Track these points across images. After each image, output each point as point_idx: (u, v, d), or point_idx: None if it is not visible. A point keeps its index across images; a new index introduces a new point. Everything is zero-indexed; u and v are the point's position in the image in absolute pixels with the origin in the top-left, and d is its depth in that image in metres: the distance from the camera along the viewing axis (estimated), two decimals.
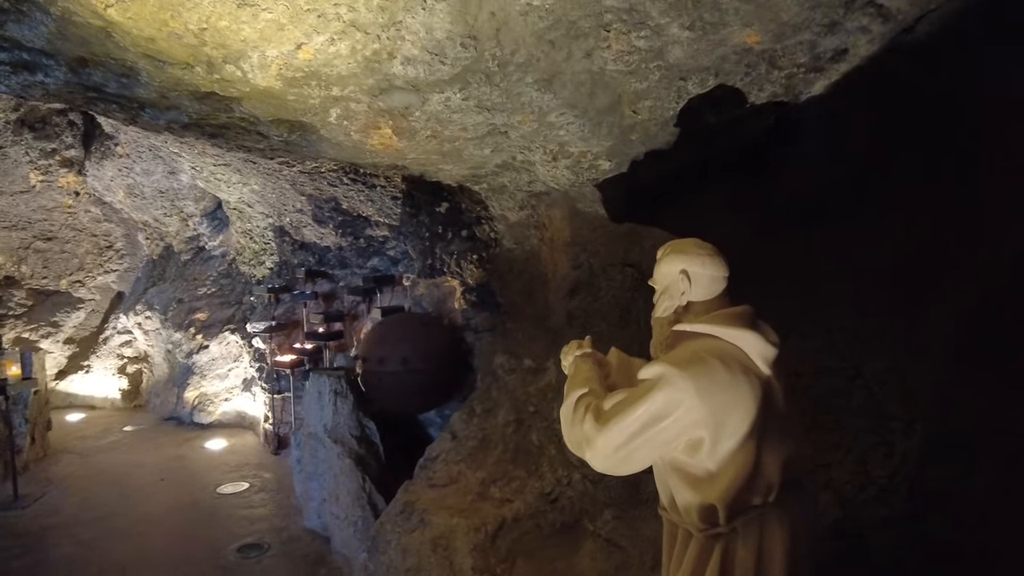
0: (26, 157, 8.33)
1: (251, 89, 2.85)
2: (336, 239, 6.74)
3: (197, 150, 5.88)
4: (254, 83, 2.76)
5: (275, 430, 6.84)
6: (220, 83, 2.82)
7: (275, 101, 2.98)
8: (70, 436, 7.44)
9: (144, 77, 2.90)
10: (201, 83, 2.84)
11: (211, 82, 2.82)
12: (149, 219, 8.74)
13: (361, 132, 3.24)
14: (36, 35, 2.83)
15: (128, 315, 8.83)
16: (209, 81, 2.81)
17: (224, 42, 2.49)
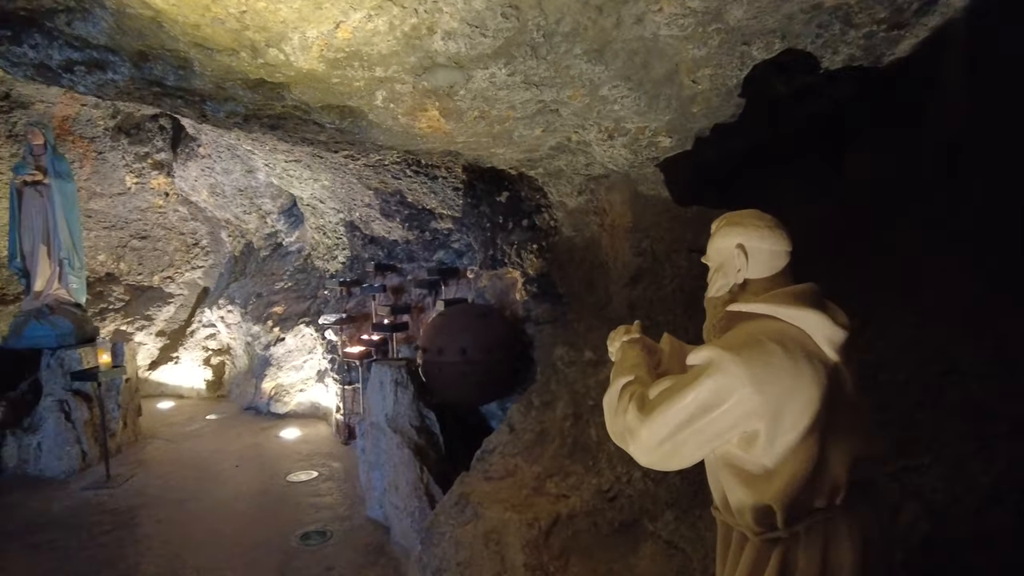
0: (122, 161, 8.87)
1: (296, 73, 2.83)
2: (403, 232, 6.78)
3: (268, 147, 6.04)
4: (298, 66, 2.73)
5: (346, 420, 6.96)
6: (266, 68, 2.81)
7: (321, 85, 2.95)
8: (159, 423, 7.85)
9: (197, 67, 2.95)
10: (248, 69, 2.85)
11: (257, 67, 2.82)
12: (231, 217, 9.13)
13: (408, 115, 3.17)
14: (99, 31, 2.91)
15: (212, 309, 9.25)
16: (255, 67, 2.82)
17: (264, 24, 2.47)
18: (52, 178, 6.63)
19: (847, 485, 1.62)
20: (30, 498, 5.63)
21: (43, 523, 5.10)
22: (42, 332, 6.61)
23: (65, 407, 6.30)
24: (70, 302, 6.96)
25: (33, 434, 6.26)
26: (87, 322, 7.11)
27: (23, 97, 7.92)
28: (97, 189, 8.95)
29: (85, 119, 8.41)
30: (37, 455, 6.21)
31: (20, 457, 6.23)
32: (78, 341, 6.77)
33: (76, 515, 5.25)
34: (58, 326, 6.68)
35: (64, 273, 6.86)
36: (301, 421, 7.71)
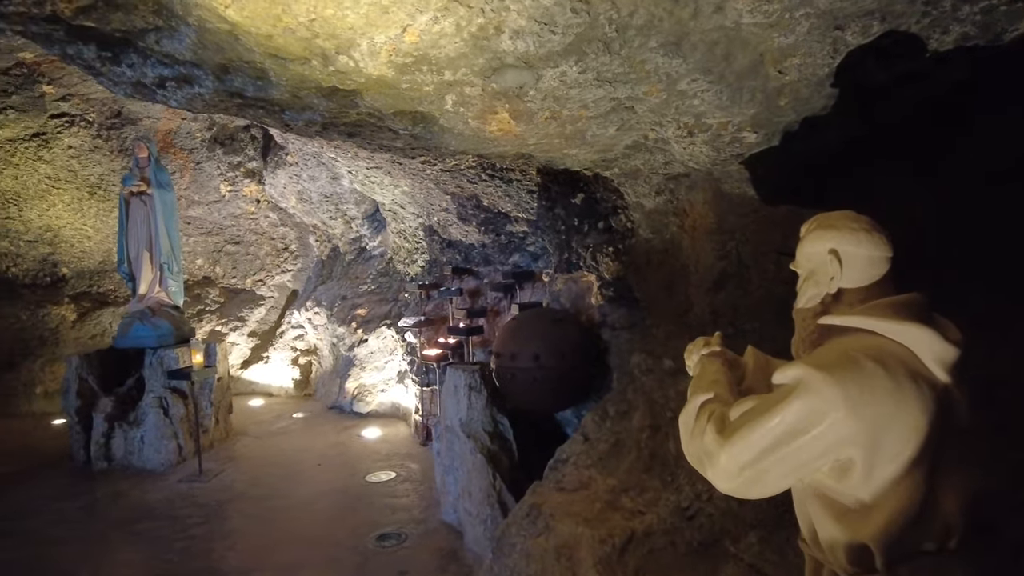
0: (217, 170, 9.36)
1: (366, 80, 2.83)
2: (479, 236, 6.78)
3: (350, 154, 6.19)
4: (367, 72, 2.73)
5: (424, 421, 7.03)
6: (337, 76, 2.83)
7: (391, 91, 2.95)
8: (249, 420, 8.22)
9: (273, 77, 3.01)
10: (321, 77, 2.88)
11: (329, 75, 2.84)
12: (318, 222, 9.45)
13: (478, 118, 3.12)
14: (183, 47, 3.03)
15: (300, 311, 9.60)
16: (327, 75, 2.84)
17: (333, 31, 2.48)
18: (155, 188, 7.06)
19: (963, 525, 1.41)
20: (133, 488, 6.00)
21: (143, 512, 5.41)
22: (144, 333, 7.05)
23: (164, 403, 6.68)
24: (169, 304, 7.38)
25: (137, 428, 6.67)
26: (184, 323, 7.53)
27: (132, 114, 8.50)
28: (195, 197, 9.49)
29: (185, 132, 8.93)
30: (140, 447, 6.62)
31: (126, 449, 6.66)
32: (176, 341, 7.17)
33: (172, 506, 5.54)
34: (158, 327, 7.10)
35: (164, 277, 7.28)
36: (382, 421, 7.86)
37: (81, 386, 6.87)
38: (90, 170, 8.68)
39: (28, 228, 8.93)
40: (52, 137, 8.26)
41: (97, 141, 8.48)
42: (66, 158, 8.48)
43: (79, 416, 6.80)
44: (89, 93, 8.09)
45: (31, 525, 5.27)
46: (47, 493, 5.97)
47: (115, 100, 8.30)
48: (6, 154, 8.20)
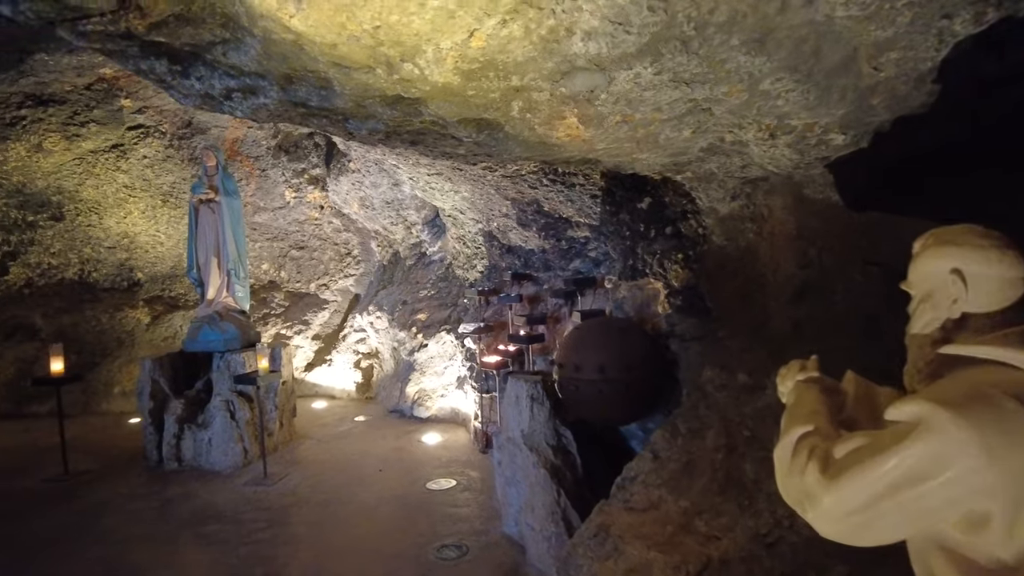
0: (282, 177, 9.56)
1: (431, 88, 2.76)
2: (539, 242, 6.67)
3: (411, 161, 6.18)
4: (432, 80, 2.66)
5: (483, 428, 6.97)
6: (402, 84, 2.77)
7: (456, 99, 2.86)
8: (313, 423, 8.34)
9: (337, 86, 2.98)
10: (385, 86, 2.83)
11: (393, 83, 2.78)
12: (379, 228, 9.53)
13: (545, 124, 3.00)
14: (249, 59, 3.03)
15: (362, 315, 9.71)
16: (391, 83, 2.78)
17: (398, 38, 2.41)
18: (222, 195, 7.24)
19: None
20: (201, 489, 6.14)
21: (210, 515, 5.53)
22: (213, 337, 7.23)
23: (230, 407, 6.83)
24: (236, 309, 7.56)
25: (205, 430, 6.85)
26: (251, 327, 7.69)
27: (201, 124, 8.77)
28: (261, 204, 9.72)
29: (251, 140, 9.16)
30: (208, 449, 6.79)
31: (195, 450, 6.84)
32: (243, 345, 7.33)
33: (237, 510, 5.64)
34: (226, 331, 7.27)
35: (231, 283, 7.46)
36: (441, 426, 7.84)
37: (154, 388, 7.10)
38: (163, 179, 9.00)
39: (107, 235, 9.35)
40: (129, 148, 8.61)
41: (169, 151, 8.79)
42: (141, 167, 8.82)
43: (152, 417, 7.03)
44: (162, 105, 8.38)
45: (109, 523, 5.45)
46: (123, 492, 6.18)
47: (186, 111, 8.58)
48: (88, 165, 8.59)
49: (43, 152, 8.29)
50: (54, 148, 8.29)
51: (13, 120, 7.91)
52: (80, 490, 6.27)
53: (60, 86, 7.72)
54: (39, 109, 7.92)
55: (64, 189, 8.78)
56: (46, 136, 8.15)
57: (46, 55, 6.76)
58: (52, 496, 6.14)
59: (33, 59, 6.82)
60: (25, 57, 6.79)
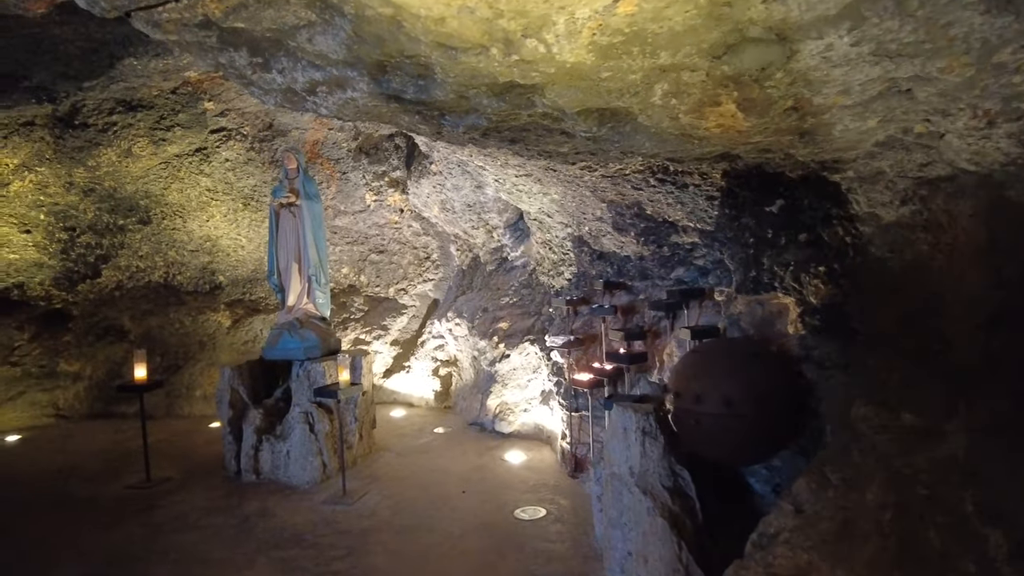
0: (363, 180, 9.33)
1: (556, 70, 2.25)
2: (637, 248, 6.08)
3: (500, 162, 5.72)
4: (560, 59, 2.15)
5: (572, 450, 6.44)
6: (520, 67, 2.28)
7: (584, 83, 2.35)
8: (391, 433, 8.03)
9: (439, 74, 2.52)
10: (498, 70, 2.34)
11: (509, 67, 2.29)
12: (459, 232, 9.16)
13: (693, 112, 2.45)
14: (337, 43, 2.62)
15: (441, 321, 9.36)
16: (507, 66, 2.29)
17: (523, 7, 1.92)
18: (303, 199, 7.01)
19: None
20: (279, 506, 5.89)
21: (288, 537, 5.24)
22: (293, 344, 7.01)
23: (310, 419, 6.57)
24: (317, 316, 7.32)
25: (283, 442, 6.61)
26: (331, 335, 7.44)
27: (282, 126, 8.63)
28: (341, 207, 9.52)
29: (331, 142, 8.96)
30: (286, 462, 6.55)
31: (273, 462, 6.62)
32: (323, 353, 7.08)
33: (315, 531, 5.33)
34: (306, 339, 7.04)
35: (312, 289, 7.23)
36: (525, 443, 7.36)
37: (233, 397, 6.94)
38: (244, 182, 8.93)
39: (191, 238, 9.37)
40: (212, 151, 8.56)
41: (251, 153, 8.70)
42: (223, 171, 8.76)
43: (231, 426, 6.86)
44: (244, 107, 8.28)
45: (188, 540, 5.25)
46: (201, 504, 6.00)
47: (267, 113, 8.45)
48: (173, 169, 8.60)
49: (132, 157, 8.33)
50: (142, 153, 8.32)
51: (105, 126, 7.97)
52: (160, 499, 6.14)
53: (148, 91, 7.71)
54: (128, 115, 7.95)
55: (151, 193, 8.83)
56: (135, 141, 8.19)
57: (134, 59, 6.70)
58: (134, 504, 6.03)
59: (122, 64, 6.77)
60: (115, 62, 6.75)
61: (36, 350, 9.29)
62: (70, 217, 8.93)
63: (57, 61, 6.61)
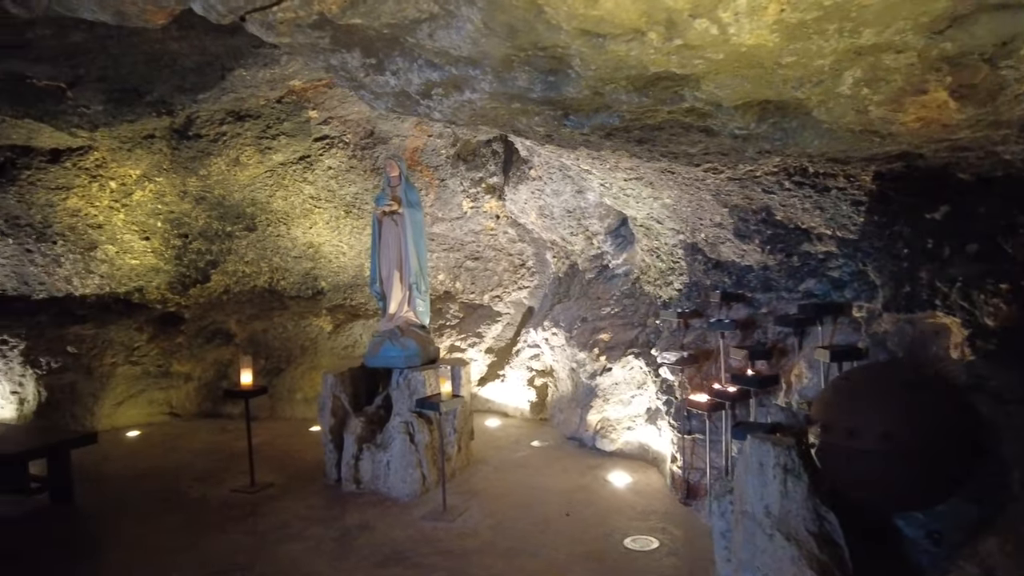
0: (460, 187, 9.21)
1: (725, 56, 1.90)
2: (761, 256, 5.56)
3: (609, 165, 5.37)
4: (735, 43, 1.80)
5: (684, 475, 5.98)
6: (680, 53, 1.94)
7: (755, 72, 1.99)
8: (488, 445, 7.82)
9: (576, 68, 2.22)
10: (651, 60, 2.02)
11: (666, 55, 1.96)
12: (557, 238, 8.86)
13: (889, 104, 2.03)
14: (462, 38, 2.37)
15: (537, 330, 9.10)
16: (663, 54, 1.96)
17: None
18: (405, 207, 6.92)
19: None
20: (380, 520, 5.78)
21: (389, 554, 5.10)
22: (394, 353, 6.93)
23: (410, 429, 6.45)
24: (417, 324, 7.21)
25: (384, 451, 6.52)
26: (430, 343, 7.32)
27: (383, 133, 8.63)
28: (439, 214, 9.45)
29: (431, 149, 8.89)
30: (386, 473, 6.46)
31: (373, 472, 6.54)
32: (422, 362, 6.96)
33: (416, 549, 5.17)
34: (407, 347, 6.94)
35: (412, 297, 7.13)
36: (629, 464, 6.95)
37: (334, 404, 6.93)
38: (346, 189, 9.00)
39: (294, 245, 9.57)
40: (315, 159, 8.68)
41: (352, 161, 8.76)
42: (326, 179, 8.87)
43: (332, 434, 6.85)
44: (347, 115, 8.33)
45: (291, 551, 5.22)
46: (303, 513, 5.98)
47: (368, 120, 8.47)
48: (278, 178, 8.79)
49: (240, 166, 8.57)
50: (249, 161, 8.55)
51: (216, 136, 8.23)
52: (263, 505, 6.18)
53: (255, 101, 7.88)
54: (237, 124, 8.17)
55: (257, 201, 9.07)
56: (242, 150, 8.41)
57: (244, 70, 6.84)
58: (239, 509, 6.10)
59: (233, 75, 6.93)
60: (226, 74, 6.91)
61: (153, 350, 9.75)
62: (183, 224, 9.31)
63: (174, 75, 6.83)
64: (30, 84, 6.47)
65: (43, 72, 6.23)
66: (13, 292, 8.76)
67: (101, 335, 9.33)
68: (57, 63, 6.10)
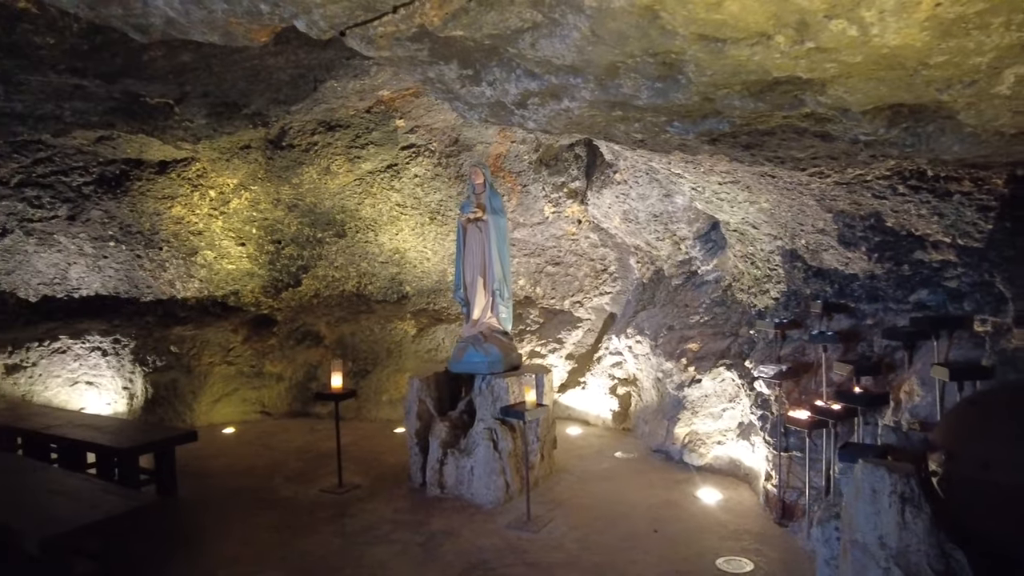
0: (542, 192, 9.16)
1: (863, 59, 1.74)
2: (867, 265, 5.21)
3: (703, 169, 5.17)
4: (876, 44, 1.64)
5: (779, 494, 5.68)
6: (809, 57, 1.79)
7: (894, 74, 1.81)
8: (569, 454, 7.72)
9: (688, 73, 2.10)
10: (775, 64, 1.88)
11: (793, 59, 1.82)
12: (641, 243, 8.65)
13: None
14: (566, 47, 2.29)
15: (619, 337, 8.91)
16: (790, 58, 1.82)
17: None
18: (489, 214, 6.93)
19: None
20: (465, 527, 5.78)
21: (475, 563, 5.08)
22: (477, 358, 6.94)
23: (493, 436, 6.44)
24: (499, 330, 7.21)
25: (467, 457, 6.54)
26: (513, 349, 7.30)
27: (467, 140, 8.70)
28: (520, 220, 9.42)
29: (514, 155, 8.88)
30: (470, 479, 6.47)
31: (457, 478, 6.57)
32: (505, 368, 6.94)
33: (502, 559, 5.13)
34: (490, 353, 6.94)
35: (496, 303, 7.12)
36: (718, 480, 6.68)
37: (420, 408, 7.02)
38: (431, 196, 9.13)
39: (381, 251, 9.78)
40: (402, 167, 8.84)
41: (438, 169, 8.86)
42: (412, 186, 9.02)
43: (417, 437, 6.94)
44: (432, 123, 8.44)
45: (378, 554, 5.29)
46: (389, 516, 6.07)
47: (453, 128, 8.55)
48: (367, 185, 9.01)
49: (330, 174, 8.84)
50: (339, 170, 8.80)
51: (308, 146, 8.52)
52: (351, 507, 6.31)
53: (345, 111, 8.10)
54: (328, 134, 8.42)
55: (346, 208, 9.33)
56: (333, 159, 8.67)
57: (335, 82, 7.03)
58: (327, 509, 6.26)
59: (324, 87, 7.14)
60: (318, 86, 7.13)
61: (247, 351, 10.19)
62: (277, 231, 9.69)
63: (270, 88, 7.11)
64: (143, 102, 6.89)
65: (155, 90, 6.61)
66: (125, 295, 9.36)
67: (200, 336, 9.83)
68: (167, 81, 6.46)
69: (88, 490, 5.04)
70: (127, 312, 9.40)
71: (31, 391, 8.63)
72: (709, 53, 1.92)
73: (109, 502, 4.65)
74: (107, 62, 5.71)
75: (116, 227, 8.84)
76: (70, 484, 5.16)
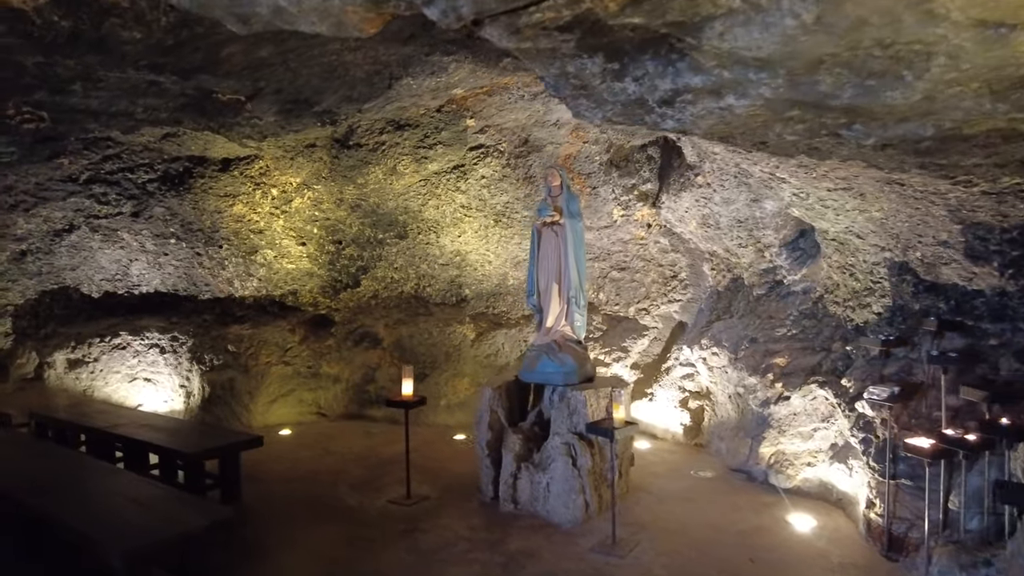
0: (612, 194, 8.84)
1: None
2: (997, 281, 4.77)
3: (816, 174, 4.80)
4: None
5: (886, 524, 5.25)
6: None
7: None
8: (643, 471, 7.37)
9: (934, 65, 1.77)
10: None
11: None
12: (719, 249, 8.26)
13: None
14: (769, 36, 1.99)
15: (692, 348, 8.53)
16: None
17: None
18: (566, 218, 6.64)
19: None
20: (544, 548, 5.50)
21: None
22: (551, 368, 6.65)
23: (572, 451, 6.14)
24: (573, 339, 6.91)
25: (543, 472, 6.25)
26: (587, 360, 7.00)
27: (537, 141, 8.42)
28: (587, 223, 9.08)
29: (584, 156, 8.58)
30: (546, 495, 6.18)
31: (532, 493, 6.28)
32: (580, 379, 6.65)
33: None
34: (565, 363, 6.64)
35: (571, 311, 6.83)
36: (809, 504, 6.26)
37: (492, 418, 6.76)
38: (497, 199, 8.88)
39: (442, 253, 9.57)
40: (469, 168, 8.61)
41: (506, 170, 8.61)
42: (478, 188, 8.78)
43: (489, 449, 6.68)
44: (503, 123, 8.18)
45: None
46: (464, 534, 5.82)
47: (524, 128, 8.28)
48: (432, 187, 8.80)
49: (396, 175, 8.65)
50: (405, 171, 8.61)
51: (375, 145, 8.34)
52: (421, 521, 6.07)
53: (416, 110, 7.90)
54: (396, 134, 8.23)
55: (410, 209, 9.14)
56: (399, 159, 8.48)
57: (411, 79, 6.81)
58: (397, 522, 6.03)
59: (399, 84, 6.93)
60: (393, 83, 6.93)
61: (305, 352, 10.08)
62: (338, 231, 9.55)
63: (344, 85, 6.92)
64: (215, 98, 6.76)
65: (229, 86, 6.47)
66: (184, 292, 9.32)
67: (257, 335, 9.75)
68: (241, 77, 6.31)
69: (163, 499, 4.91)
70: (185, 310, 9.36)
71: (92, 386, 8.64)
72: (981, 42, 1.59)
73: (189, 516, 4.49)
74: (186, 58, 5.57)
75: (177, 224, 8.79)
76: (144, 492, 5.03)
